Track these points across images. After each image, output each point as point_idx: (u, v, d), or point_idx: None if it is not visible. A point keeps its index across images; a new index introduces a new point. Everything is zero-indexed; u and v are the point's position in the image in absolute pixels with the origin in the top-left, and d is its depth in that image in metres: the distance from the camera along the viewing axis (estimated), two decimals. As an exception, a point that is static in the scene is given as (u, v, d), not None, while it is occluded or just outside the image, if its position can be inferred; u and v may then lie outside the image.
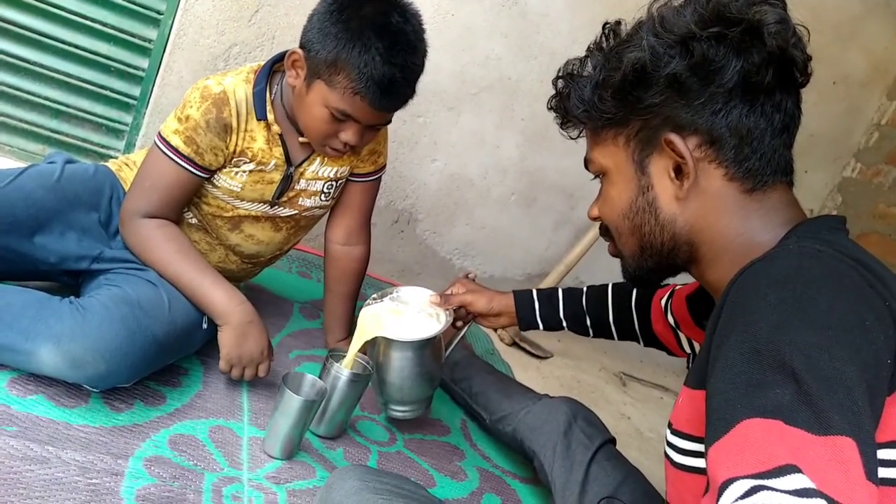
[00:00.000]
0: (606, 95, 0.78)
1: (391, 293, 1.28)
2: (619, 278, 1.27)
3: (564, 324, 1.30)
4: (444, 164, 2.11)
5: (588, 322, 1.29)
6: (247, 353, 1.15)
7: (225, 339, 1.14)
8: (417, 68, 1.16)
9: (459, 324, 1.31)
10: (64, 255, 1.17)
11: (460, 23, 1.96)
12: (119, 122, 1.84)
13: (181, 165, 1.16)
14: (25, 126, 1.76)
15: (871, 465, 0.49)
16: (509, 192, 2.21)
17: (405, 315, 1.27)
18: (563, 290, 1.32)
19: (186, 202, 1.22)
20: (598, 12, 2.06)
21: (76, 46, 1.73)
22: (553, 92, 0.86)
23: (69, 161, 1.24)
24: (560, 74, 0.84)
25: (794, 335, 0.55)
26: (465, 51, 2.00)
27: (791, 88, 0.74)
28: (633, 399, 2.14)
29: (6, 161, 1.71)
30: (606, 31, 0.80)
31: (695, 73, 0.72)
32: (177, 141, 1.14)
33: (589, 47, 0.82)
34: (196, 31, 1.76)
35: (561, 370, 2.13)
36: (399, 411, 1.24)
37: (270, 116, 1.20)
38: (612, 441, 1.22)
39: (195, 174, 1.18)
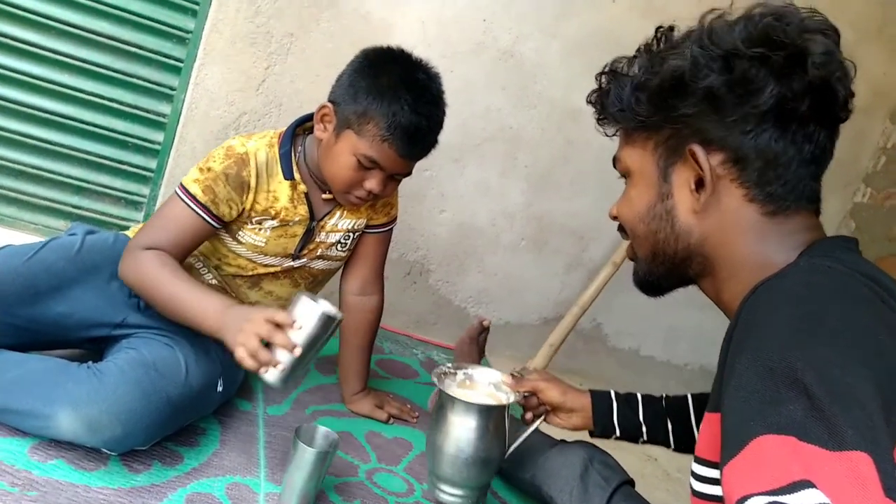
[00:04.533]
0: (643, 98, 0.78)
1: (465, 368, 1.25)
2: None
3: (643, 429, 1.19)
4: (452, 215, 2.15)
5: (670, 426, 1.18)
6: (253, 329, 1.00)
7: (228, 342, 1.03)
8: (440, 120, 1.26)
9: (529, 416, 1.22)
10: (86, 323, 1.21)
11: (459, 77, 2.03)
12: (137, 195, 1.91)
13: (195, 211, 1.19)
14: (48, 204, 1.84)
15: (889, 481, 0.48)
16: (518, 237, 2.24)
17: (475, 388, 1.24)
18: (642, 394, 1.23)
19: (192, 249, 1.23)
20: (594, 58, 2.10)
21: (95, 125, 1.83)
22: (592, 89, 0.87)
23: (90, 232, 1.30)
24: (605, 70, 0.84)
25: (806, 351, 0.54)
26: (466, 104, 2.06)
27: (827, 122, 0.74)
28: (659, 439, 2.10)
29: (31, 238, 1.78)
30: (659, 34, 0.80)
31: (731, 90, 0.72)
32: (195, 189, 1.19)
33: (639, 48, 0.81)
34: (207, 103, 1.85)
35: (583, 414, 2.10)
36: (449, 495, 1.15)
37: (297, 176, 1.26)
38: (631, 482, 1.20)
39: (207, 222, 1.20)
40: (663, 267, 0.81)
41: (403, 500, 1.22)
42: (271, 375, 1.01)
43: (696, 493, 0.72)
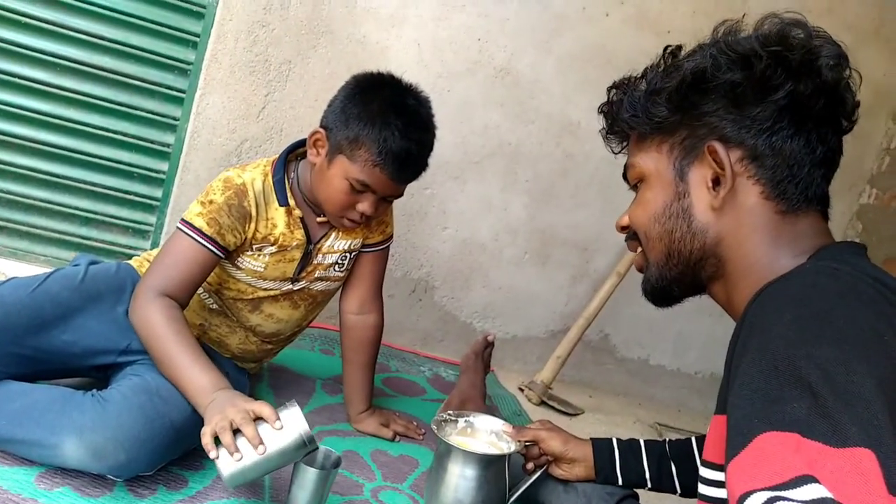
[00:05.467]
0: (660, 100, 0.80)
1: (466, 416, 1.26)
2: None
3: (647, 474, 1.16)
4: (454, 231, 2.17)
5: (674, 471, 1.15)
6: (228, 417, 1.00)
7: (206, 420, 1.03)
8: (430, 144, 1.29)
9: (530, 466, 1.20)
10: (92, 350, 1.23)
11: (457, 97, 2.06)
12: (144, 224, 1.95)
13: (203, 245, 1.21)
14: (58, 236, 1.88)
15: (893, 478, 0.48)
16: (522, 251, 2.25)
17: (476, 436, 1.24)
18: (645, 441, 1.22)
19: (201, 283, 1.25)
20: (589, 73, 2.15)
21: (101, 157, 1.87)
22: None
23: (93, 262, 1.33)
24: (615, 84, 0.88)
25: (810, 350, 0.55)
26: (464, 122, 2.09)
27: (838, 128, 0.77)
28: (671, 449, 2.08)
29: (42, 269, 1.82)
30: (666, 53, 0.83)
31: (751, 86, 0.75)
32: (200, 223, 1.21)
33: (646, 68, 0.85)
34: (209, 131, 1.88)
35: (593, 426, 2.10)
36: None
37: (292, 202, 1.29)
38: (635, 496, 1.19)
39: (215, 254, 1.22)
40: (677, 269, 0.82)
41: (408, 518, 1.23)
42: (224, 463, 0.98)
43: (702, 497, 0.73)
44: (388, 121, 1.20)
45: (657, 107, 0.80)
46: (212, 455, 0.98)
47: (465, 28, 2.03)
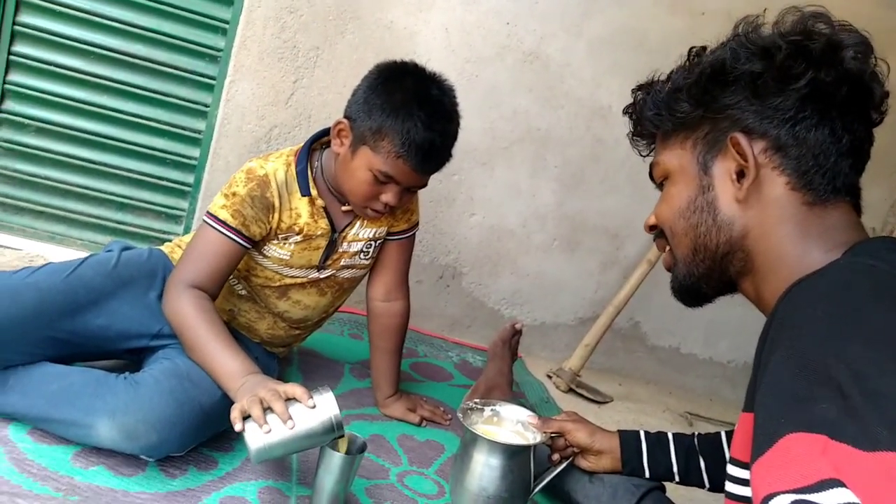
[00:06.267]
0: (682, 96, 0.81)
1: (492, 405, 1.26)
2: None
3: (675, 468, 1.15)
4: (482, 218, 2.16)
5: (703, 465, 1.14)
6: (259, 395, 1.03)
7: (237, 399, 1.07)
8: (454, 135, 1.28)
9: (556, 457, 1.20)
10: (125, 334, 1.26)
11: (485, 82, 2.04)
12: (177, 209, 1.98)
13: (228, 236, 1.23)
14: (93, 220, 1.93)
15: None
16: (551, 238, 2.23)
17: (502, 425, 1.24)
18: (673, 434, 1.20)
19: (230, 273, 1.27)
20: (620, 57, 2.11)
21: (135, 144, 1.90)
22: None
23: (125, 248, 1.36)
24: (639, 85, 0.89)
25: (841, 349, 0.53)
26: (493, 108, 2.07)
27: (865, 118, 0.75)
28: (701, 439, 2.06)
29: (78, 253, 1.87)
30: (692, 54, 0.84)
31: (772, 75, 0.74)
32: (225, 215, 1.23)
33: (671, 70, 0.85)
34: (239, 118, 1.90)
35: (621, 414, 2.08)
36: None
37: (314, 192, 1.30)
38: (661, 488, 1.18)
39: (241, 244, 1.25)
40: (704, 265, 0.81)
41: (433, 502, 1.24)
42: (251, 437, 0.99)
43: (728, 495, 0.72)
44: (411, 112, 1.19)
45: (679, 102, 0.80)
46: (237, 427, 1.00)
47: (493, 12, 2.00)
